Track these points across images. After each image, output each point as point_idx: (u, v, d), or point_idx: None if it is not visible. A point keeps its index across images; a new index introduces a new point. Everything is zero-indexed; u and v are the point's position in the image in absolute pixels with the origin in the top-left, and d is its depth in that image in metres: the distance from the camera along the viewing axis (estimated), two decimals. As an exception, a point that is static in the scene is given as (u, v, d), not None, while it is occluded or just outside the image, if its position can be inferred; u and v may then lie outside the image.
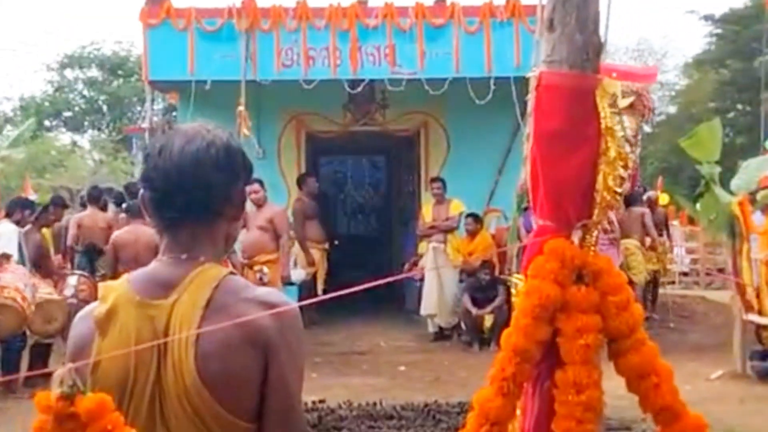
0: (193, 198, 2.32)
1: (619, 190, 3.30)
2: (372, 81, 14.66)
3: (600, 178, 3.24)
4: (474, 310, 13.70)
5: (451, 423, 8.03)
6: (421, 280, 14.52)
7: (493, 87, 13.91)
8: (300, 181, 15.30)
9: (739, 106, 36.92)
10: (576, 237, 3.32)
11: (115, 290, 2.34)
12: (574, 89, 3.20)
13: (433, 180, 14.78)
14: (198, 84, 14.09)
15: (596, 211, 3.30)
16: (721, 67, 35.46)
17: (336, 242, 17.09)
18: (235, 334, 2.22)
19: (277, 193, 15.17)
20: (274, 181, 15.22)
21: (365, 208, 20.40)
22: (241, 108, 13.57)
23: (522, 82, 13.28)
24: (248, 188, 8.66)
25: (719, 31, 37.55)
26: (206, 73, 14.00)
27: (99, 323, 2.30)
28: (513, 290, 13.81)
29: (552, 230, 3.35)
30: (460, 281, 14.34)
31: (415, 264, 14.97)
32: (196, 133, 2.37)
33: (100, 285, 2.41)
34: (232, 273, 2.34)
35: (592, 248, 3.39)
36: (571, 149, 3.22)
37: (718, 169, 11.96)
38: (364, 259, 19.52)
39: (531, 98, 3.39)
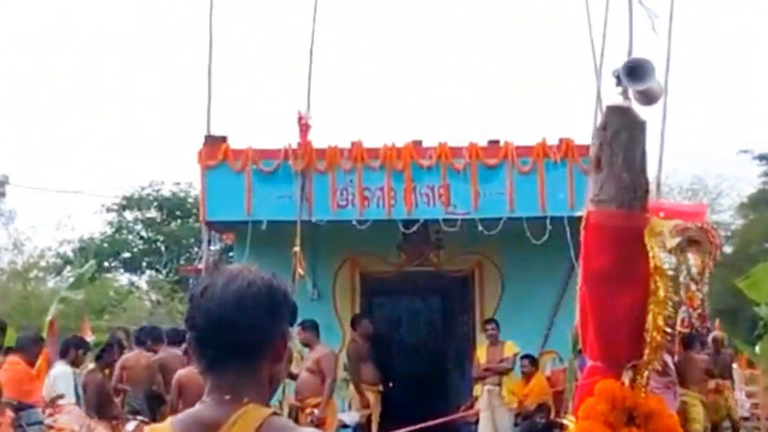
0: (234, 337, 2.32)
1: (669, 330, 3.23)
2: (426, 221, 14.70)
3: (650, 318, 3.18)
4: (530, 453, 13.45)
5: None
6: (476, 423, 14.31)
7: (548, 227, 13.90)
8: (354, 323, 15.22)
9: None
10: (626, 378, 3.25)
11: (159, 431, 2.35)
12: (622, 229, 3.17)
13: (487, 321, 14.67)
14: (254, 225, 14.19)
15: (647, 351, 3.23)
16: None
17: (391, 384, 16.93)
18: None
19: (331, 335, 15.14)
20: (328, 323, 15.19)
21: (420, 349, 20.25)
22: (297, 249, 13.65)
23: (575, 222, 13.28)
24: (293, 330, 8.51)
25: (773, 170, 37.57)
26: (262, 213, 14.14)
27: None
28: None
29: (602, 371, 3.29)
30: (515, 425, 14.11)
31: (471, 406, 14.76)
32: (238, 273, 2.40)
33: (146, 428, 2.42)
34: (275, 414, 2.32)
35: (644, 389, 3.31)
36: (619, 289, 3.18)
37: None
38: (419, 400, 19.27)
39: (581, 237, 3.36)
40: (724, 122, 60.76)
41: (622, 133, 3.08)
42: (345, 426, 14.31)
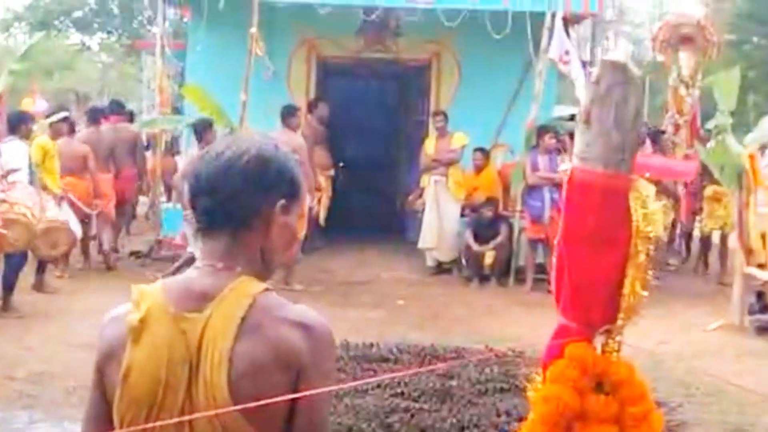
0: (219, 203, 2.31)
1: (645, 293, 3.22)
2: (387, 9, 14.49)
3: (628, 281, 3.16)
4: (475, 246, 13.70)
5: (445, 369, 8.08)
6: (423, 212, 14.51)
7: (509, 21, 13.78)
8: (311, 106, 15.20)
9: (755, 39, 36.51)
10: (598, 342, 3.26)
11: (149, 297, 2.33)
12: (608, 190, 3.09)
13: (436, 113, 14.72)
14: (211, 2, 13.94)
15: (621, 316, 3.23)
16: (741, -2, 35.08)
17: (342, 165, 17.06)
18: (268, 355, 2.23)
19: (285, 117, 15.12)
20: (282, 103, 15.15)
21: (373, 134, 20.30)
22: (254, 29, 13.46)
23: (537, 18, 13.24)
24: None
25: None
26: (220, -10, 13.84)
27: (132, 330, 2.29)
28: (515, 227, 13.93)
29: (574, 331, 3.28)
30: (462, 216, 14.32)
31: (420, 196, 14.94)
32: (238, 140, 2.39)
33: (134, 288, 2.38)
34: (267, 289, 2.32)
35: (614, 354, 3.32)
36: (600, 251, 3.13)
37: (730, 120, 11.90)
38: (369, 184, 19.50)
39: (565, 193, 3.26)
40: None
41: (614, 90, 2.97)
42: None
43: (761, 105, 31.86)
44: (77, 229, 11.99)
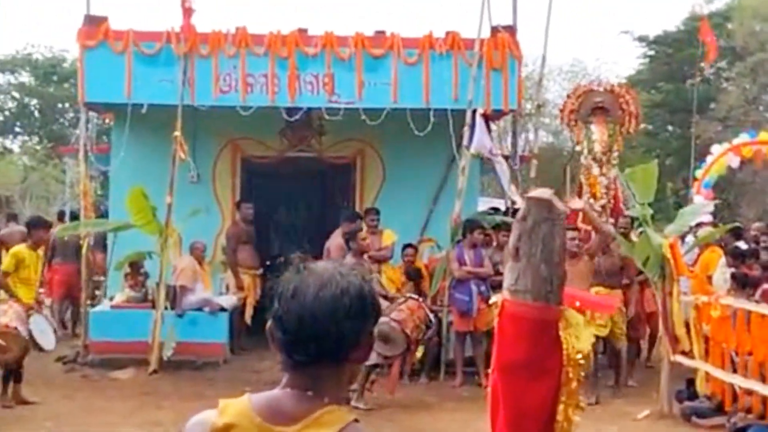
0: (324, 344, 2.35)
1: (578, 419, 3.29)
2: (309, 109, 14.62)
3: (560, 408, 3.24)
4: (404, 342, 13.68)
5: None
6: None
7: (431, 119, 13.97)
8: (237, 206, 15.31)
9: (670, 128, 37.38)
10: None
11: (234, 406, 2.41)
12: (537, 321, 3.18)
13: (369, 211, 14.74)
14: (134, 107, 13.96)
15: None
16: (653, 89, 35.90)
17: (268, 263, 17.04)
18: None
19: (211, 218, 15.16)
20: (207, 206, 15.21)
21: (299, 232, 20.36)
22: (177, 133, 13.54)
23: (458, 114, 13.41)
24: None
25: (652, 52, 37.99)
26: (143, 96, 13.90)
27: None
28: (443, 321, 13.96)
29: None
30: (393, 312, 14.32)
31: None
32: (331, 278, 2.39)
33: (221, 401, 2.45)
34: (356, 420, 2.38)
35: None
36: (532, 380, 3.21)
37: (650, 211, 12.11)
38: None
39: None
40: (605, 3, 61.19)
41: (541, 225, 3.08)
42: (223, 309, 14.42)
43: (679, 192, 32.68)
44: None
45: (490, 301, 10.31)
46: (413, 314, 12.09)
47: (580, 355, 3.17)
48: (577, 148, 14.98)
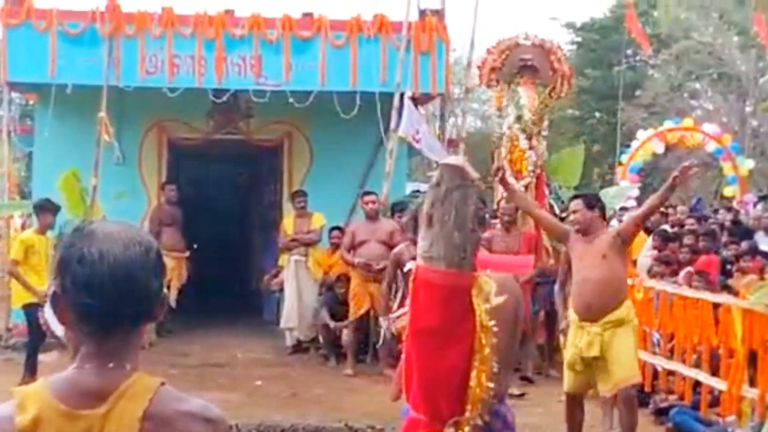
0: (143, 305, 2.27)
1: (492, 385, 3.31)
2: (237, 91, 14.55)
3: (473, 374, 3.26)
4: (332, 324, 13.71)
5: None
6: (281, 291, 14.52)
7: (358, 102, 13.99)
8: (161, 188, 15.20)
9: (597, 114, 37.83)
10: None
11: (34, 397, 2.22)
12: (450, 288, 3.20)
13: (297, 193, 14.70)
14: (59, 88, 13.78)
15: (469, 407, 3.31)
16: (580, 76, 36.30)
17: (195, 246, 16.94)
18: None
19: (137, 200, 15.03)
20: (134, 188, 15.10)
21: (226, 214, 20.31)
22: (102, 114, 13.40)
23: (386, 98, 13.43)
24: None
25: (580, 39, 38.40)
26: (68, 76, 13.72)
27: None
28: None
29: (424, 424, 3.36)
30: (320, 294, 14.34)
31: (276, 275, 14.94)
32: (131, 236, 2.28)
33: (15, 390, 2.26)
34: (163, 383, 2.28)
35: None
36: (445, 346, 3.24)
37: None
38: (224, 265, 19.42)
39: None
40: (534, -11, 61.54)
41: (454, 192, 3.11)
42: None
43: (606, 177, 33.09)
44: None
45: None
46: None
47: (492, 322, 3.20)
48: (500, 116, 13.52)
